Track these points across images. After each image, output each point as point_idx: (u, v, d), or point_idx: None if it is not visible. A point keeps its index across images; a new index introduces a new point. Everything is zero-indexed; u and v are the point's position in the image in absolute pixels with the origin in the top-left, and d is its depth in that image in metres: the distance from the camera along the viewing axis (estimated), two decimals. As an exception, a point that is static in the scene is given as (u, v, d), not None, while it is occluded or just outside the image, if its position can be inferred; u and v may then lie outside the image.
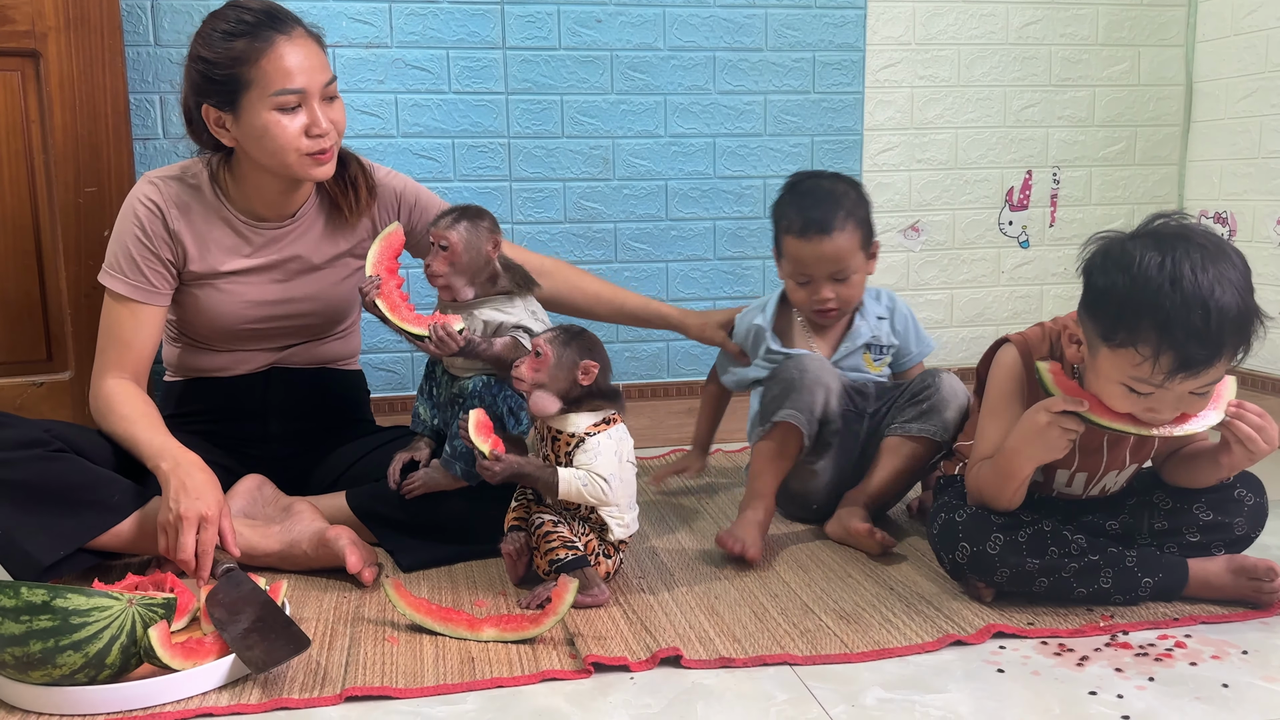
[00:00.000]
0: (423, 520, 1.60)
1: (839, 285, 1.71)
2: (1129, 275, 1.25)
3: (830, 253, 1.69)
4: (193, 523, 1.41)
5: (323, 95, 1.54)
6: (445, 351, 1.53)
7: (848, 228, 1.69)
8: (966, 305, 2.53)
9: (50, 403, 1.88)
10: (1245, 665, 1.25)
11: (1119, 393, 1.30)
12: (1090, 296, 1.32)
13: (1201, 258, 1.23)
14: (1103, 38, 2.49)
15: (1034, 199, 2.53)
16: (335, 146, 1.58)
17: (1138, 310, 1.24)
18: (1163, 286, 1.23)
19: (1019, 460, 1.36)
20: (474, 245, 1.56)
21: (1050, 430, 1.31)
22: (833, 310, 1.73)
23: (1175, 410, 1.30)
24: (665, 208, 2.34)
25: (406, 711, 1.16)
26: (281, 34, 1.51)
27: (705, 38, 2.29)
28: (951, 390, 1.66)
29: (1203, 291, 1.22)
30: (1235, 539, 1.44)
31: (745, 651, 1.29)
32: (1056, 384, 1.33)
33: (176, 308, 1.68)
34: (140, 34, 2.06)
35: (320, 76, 1.53)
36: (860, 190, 1.75)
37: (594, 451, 1.44)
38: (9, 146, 1.83)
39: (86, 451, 1.50)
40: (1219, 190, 2.46)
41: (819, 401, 1.61)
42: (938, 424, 1.64)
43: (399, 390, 2.25)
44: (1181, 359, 1.23)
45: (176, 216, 1.61)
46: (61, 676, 1.14)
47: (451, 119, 2.21)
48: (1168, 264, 1.23)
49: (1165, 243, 1.26)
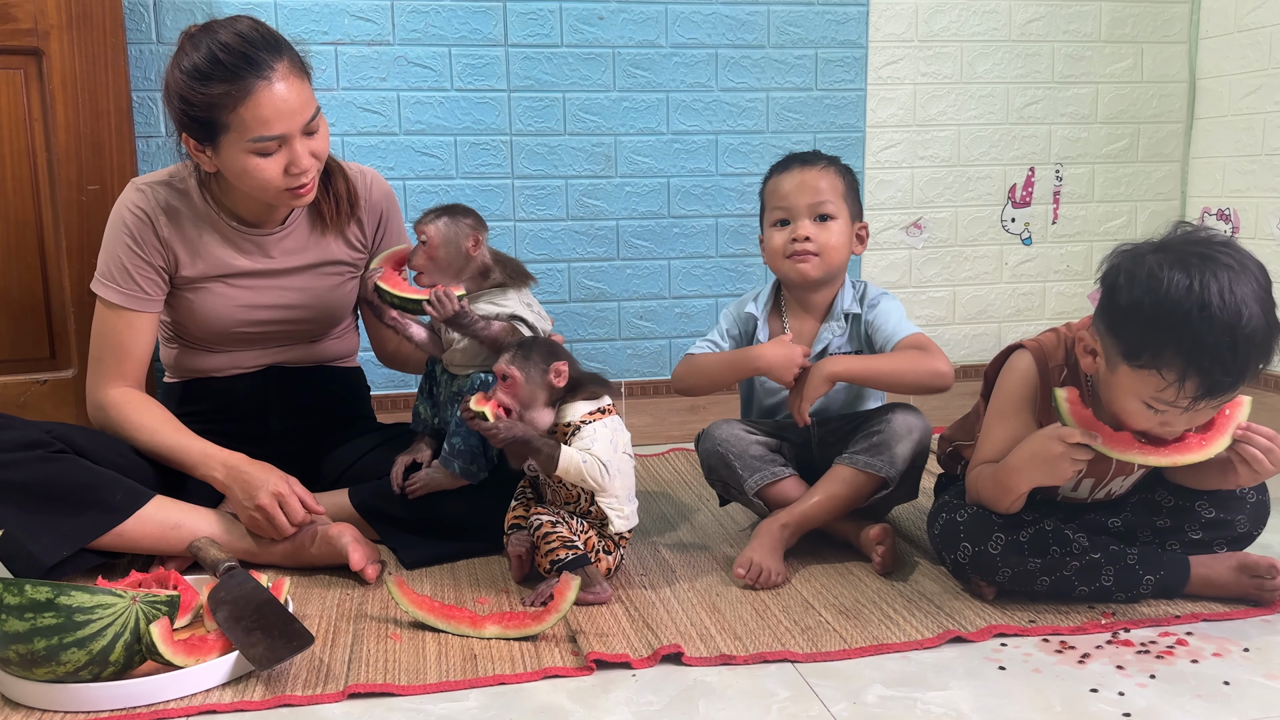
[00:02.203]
0: (425, 517, 1.60)
1: (819, 228, 1.63)
2: (1155, 297, 1.22)
3: (811, 182, 1.64)
4: (275, 507, 1.49)
5: (304, 132, 1.50)
6: (442, 313, 1.54)
7: (831, 170, 1.65)
8: (969, 302, 2.53)
9: (53, 400, 1.89)
10: (1246, 662, 1.25)
11: (1136, 408, 1.29)
12: (1112, 313, 1.29)
13: (1229, 280, 1.20)
14: (1106, 34, 2.48)
15: (1037, 196, 2.52)
16: (317, 174, 1.56)
17: (1164, 334, 1.22)
18: (1191, 313, 1.20)
19: (1020, 479, 1.35)
20: (451, 241, 1.57)
21: (1061, 460, 1.30)
22: (810, 255, 1.62)
23: (1189, 424, 1.29)
24: (667, 205, 2.34)
25: (409, 708, 1.17)
26: (261, 79, 1.44)
27: (707, 34, 2.29)
28: (905, 425, 1.57)
29: (1230, 317, 1.19)
30: (1237, 536, 1.44)
31: (747, 649, 1.29)
32: (1072, 414, 1.31)
33: (170, 310, 1.68)
34: (143, 31, 2.07)
35: (300, 118, 1.48)
36: (851, 171, 1.71)
37: (590, 438, 1.44)
38: (12, 145, 1.83)
39: (88, 452, 1.50)
40: (1222, 187, 2.45)
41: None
42: (885, 459, 1.55)
43: (400, 388, 2.25)
44: (1207, 385, 1.22)
45: (165, 223, 1.60)
46: (66, 674, 1.15)
47: (454, 116, 2.21)
48: (1195, 288, 1.20)
49: (1192, 264, 1.22)
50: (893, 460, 1.55)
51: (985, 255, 2.52)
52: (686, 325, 2.39)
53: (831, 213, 1.63)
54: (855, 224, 1.68)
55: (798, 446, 1.69)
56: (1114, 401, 1.32)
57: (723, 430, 1.66)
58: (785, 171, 1.67)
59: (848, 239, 1.66)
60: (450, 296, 1.54)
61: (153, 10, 2.07)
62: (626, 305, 2.36)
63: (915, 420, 1.59)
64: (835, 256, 1.64)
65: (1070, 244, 2.55)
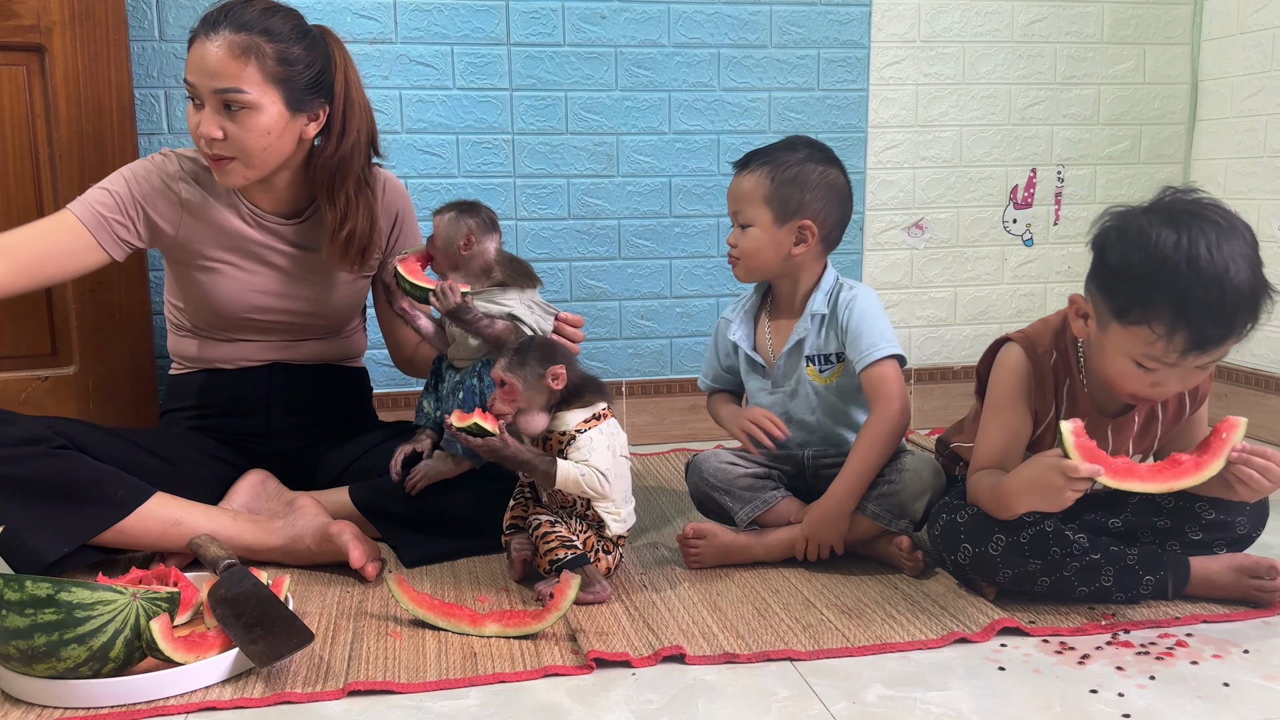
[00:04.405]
0: (425, 515, 1.60)
1: (740, 235, 1.61)
2: (1144, 253, 1.25)
3: (734, 189, 1.63)
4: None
5: (218, 102, 1.52)
6: (444, 305, 1.55)
7: (757, 174, 1.59)
8: (970, 303, 2.53)
9: (54, 397, 1.89)
10: (1246, 664, 1.25)
11: (1127, 368, 1.31)
12: (1103, 273, 1.32)
13: (1216, 236, 1.24)
14: (1108, 35, 2.48)
15: (1038, 197, 2.52)
16: (235, 163, 1.56)
17: (1153, 289, 1.25)
18: (1179, 266, 1.23)
19: (1018, 503, 1.35)
20: (447, 237, 1.59)
21: (1063, 493, 1.29)
22: (734, 260, 1.63)
23: (1181, 385, 1.31)
24: (669, 204, 2.34)
25: (409, 706, 1.17)
26: (204, 33, 1.52)
27: (710, 34, 2.29)
28: (919, 482, 1.53)
29: (1218, 270, 1.22)
30: (1237, 538, 1.45)
31: (749, 647, 1.29)
32: (1077, 447, 1.29)
33: (181, 291, 1.69)
34: (145, 29, 2.07)
35: (209, 80, 1.51)
36: (796, 167, 1.60)
37: (587, 448, 1.43)
38: (14, 141, 1.83)
39: (89, 448, 1.50)
40: (1224, 189, 2.45)
41: None
42: (901, 516, 1.53)
43: (402, 386, 2.25)
44: (1196, 338, 1.24)
45: (186, 188, 1.63)
46: (66, 670, 1.15)
47: (456, 115, 2.21)
48: (1184, 243, 1.23)
49: (1180, 220, 1.26)
50: (906, 516, 1.53)
51: (987, 256, 2.52)
52: (688, 325, 2.39)
53: (745, 220, 1.61)
54: (791, 223, 1.58)
55: (790, 475, 1.66)
56: (1105, 364, 1.34)
57: (710, 463, 1.64)
58: (733, 174, 1.66)
59: (769, 243, 1.60)
60: (455, 290, 1.55)
61: (155, 7, 2.07)
62: (628, 304, 2.36)
63: (929, 476, 1.54)
64: (755, 261, 1.61)
65: (1072, 245, 2.55)
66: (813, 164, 1.61)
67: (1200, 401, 1.47)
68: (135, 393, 1.95)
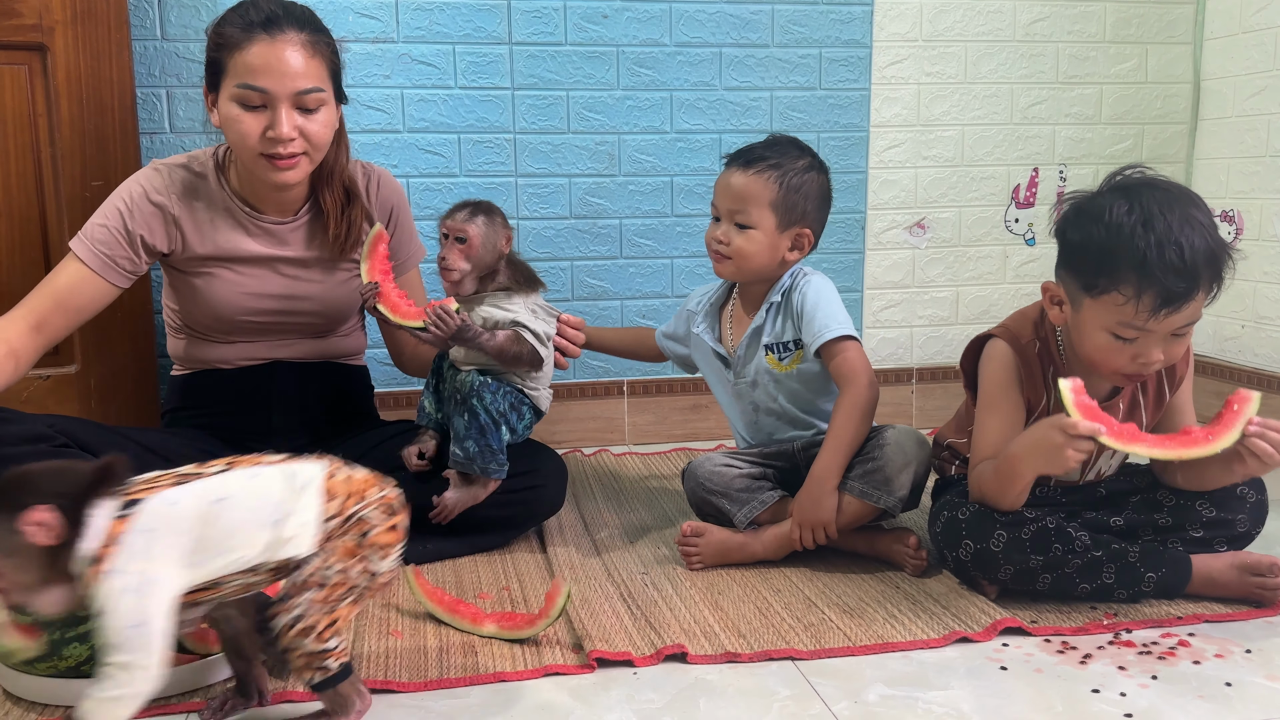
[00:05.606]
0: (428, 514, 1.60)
1: (737, 234, 1.60)
2: (1102, 225, 1.31)
3: (739, 187, 1.59)
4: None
5: (295, 103, 1.52)
6: (444, 332, 1.54)
7: (764, 177, 1.58)
8: (972, 302, 2.53)
9: (56, 396, 1.89)
10: (1248, 664, 1.25)
11: (1106, 342, 1.32)
12: (1067, 253, 1.37)
13: (1168, 199, 1.29)
14: (1110, 35, 2.48)
15: (1040, 196, 2.52)
16: (303, 158, 1.56)
17: (1115, 255, 1.29)
18: (1135, 229, 1.28)
19: (1023, 468, 1.35)
20: (490, 240, 1.58)
21: (1063, 450, 1.29)
22: (724, 257, 1.62)
23: (1161, 353, 1.32)
24: (671, 203, 2.34)
25: (410, 705, 1.17)
26: (266, 33, 1.49)
27: (712, 33, 2.29)
28: (901, 456, 1.52)
29: (1173, 229, 1.27)
30: (1238, 535, 1.45)
31: (750, 646, 1.29)
32: (1076, 405, 1.30)
33: (177, 295, 1.69)
34: (147, 28, 2.07)
35: (289, 82, 1.50)
36: (800, 174, 1.60)
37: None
38: (16, 140, 1.83)
39: (91, 447, 1.50)
40: (1226, 189, 2.45)
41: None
42: (885, 490, 1.52)
43: (403, 385, 2.25)
44: (1163, 295, 1.27)
45: (178, 202, 1.62)
46: (67, 668, 1.15)
47: (457, 114, 2.21)
48: (1136, 208, 1.29)
49: (1132, 191, 1.32)
50: (892, 491, 1.52)
51: (988, 255, 2.52)
52: (689, 324, 2.39)
53: (749, 222, 1.59)
54: (792, 230, 1.60)
55: (785, 471, 1.66)
56: (1084, 343, 1.36)
57: (705, 468, 1.64)
58: (728, 168, 1.64)
59: (768, 247, 1.60)
60: (449, 313, 1.53)
61: (157, 6, 2.07)
62: (629, 304, 2.36)
63: (911, 447, 1.54)
64: (750, 263, 1.61)
65: (1074, 245, 2.54)
66: (814, 173, 1.63)
67: (1178, 384, 1.47)
68: (137, 392, 1.95)
